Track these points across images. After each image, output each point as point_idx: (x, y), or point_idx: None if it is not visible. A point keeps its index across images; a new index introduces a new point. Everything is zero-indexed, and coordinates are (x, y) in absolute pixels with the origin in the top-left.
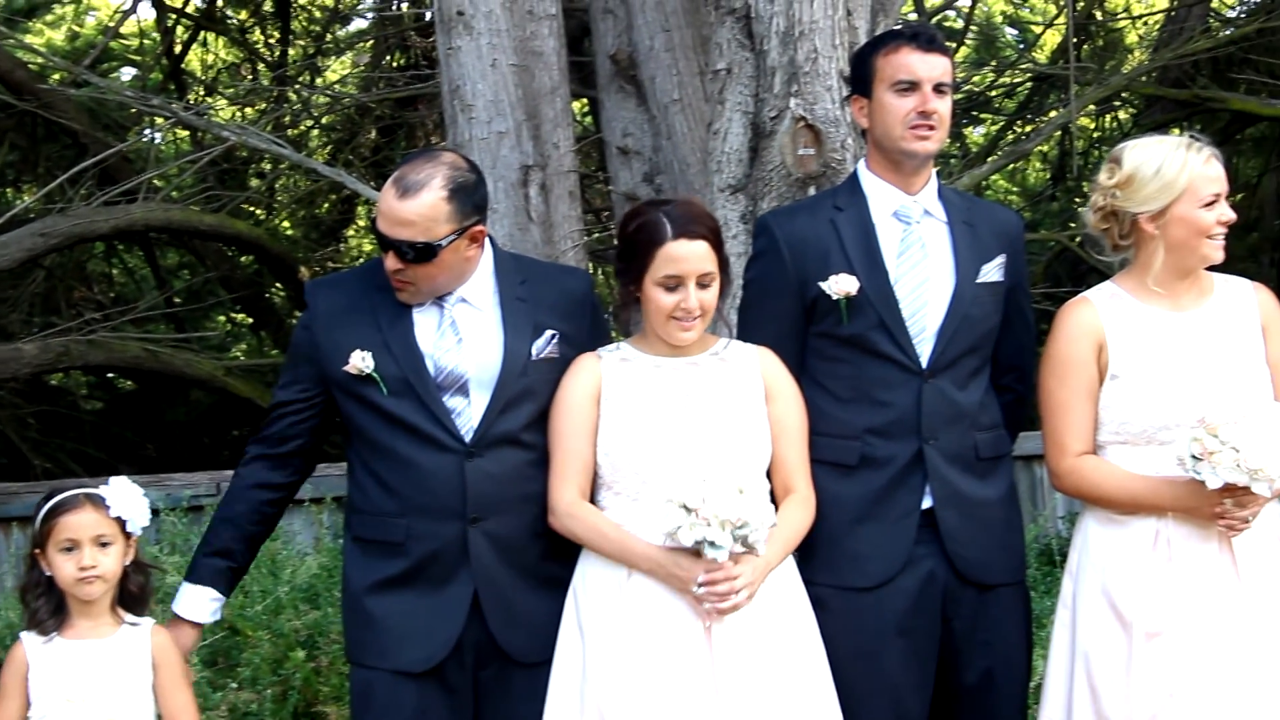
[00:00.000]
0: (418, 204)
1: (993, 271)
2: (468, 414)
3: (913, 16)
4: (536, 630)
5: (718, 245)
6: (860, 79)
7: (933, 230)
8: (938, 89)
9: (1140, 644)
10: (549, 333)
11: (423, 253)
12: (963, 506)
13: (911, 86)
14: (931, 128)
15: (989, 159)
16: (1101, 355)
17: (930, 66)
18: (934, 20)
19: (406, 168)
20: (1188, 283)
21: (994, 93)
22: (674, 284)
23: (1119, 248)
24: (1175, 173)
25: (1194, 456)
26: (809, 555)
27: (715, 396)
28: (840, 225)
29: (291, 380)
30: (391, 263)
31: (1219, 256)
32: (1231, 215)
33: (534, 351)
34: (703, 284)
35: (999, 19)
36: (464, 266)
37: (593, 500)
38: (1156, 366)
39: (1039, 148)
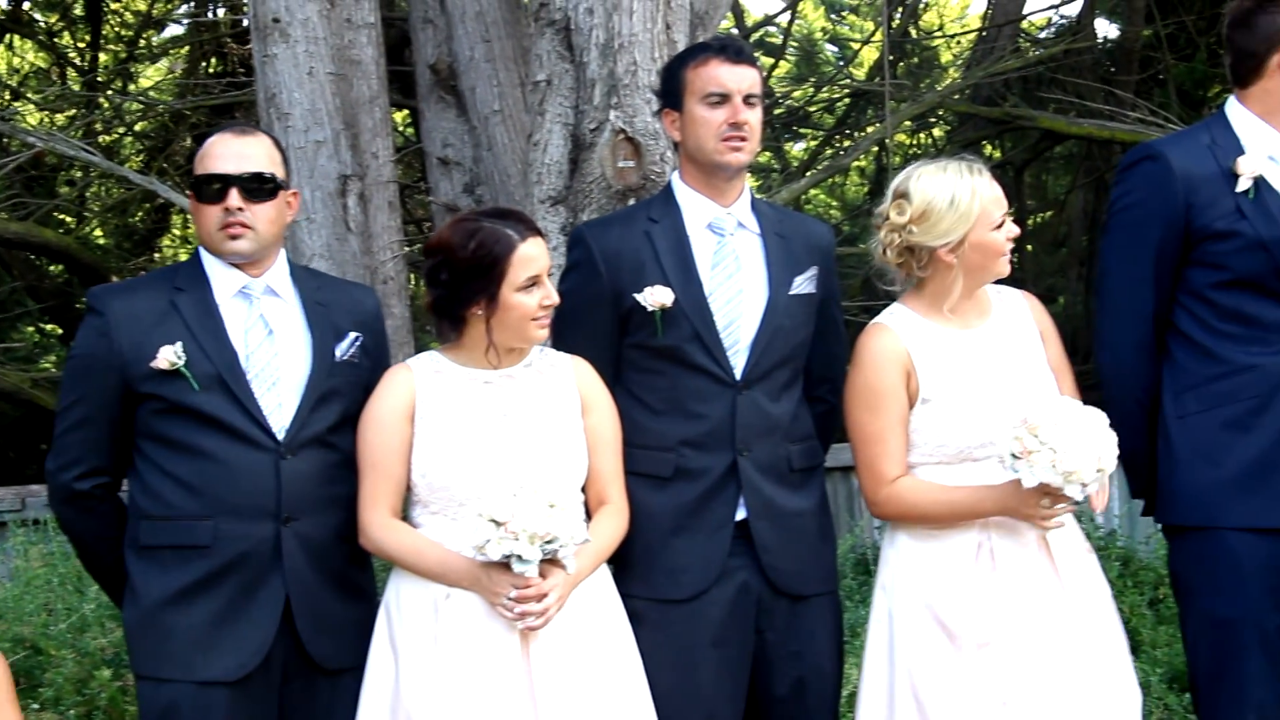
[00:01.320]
0: (257, 140)
1: (805, 283)
2: (280, 412)
3: (734, 31)
4: (342, 637)
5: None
6: (671, 92)
7: (746, 242)
8: (748, 100)
9: (970, 655)
10: (352, 335)
11: (270, 185)
12: (776, 518)
13: (722, 99)
14: (743, 139)
15: (808, 173)
16: (910, 381)
17: (740, 78)
18: (754, 35)
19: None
20: (972, 301)
21: (813, 108)
22: (532, 283)
23: (913, 276)
24: (969, 202)
25: (1013, 455)
26: (625, 568)
27: (532, 410)
28: (655, 237)
29: (79, 398)
30: (235, 200)
31: (1007, 270)
32: (1016, 230)
33: (338, 353)
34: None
35: (819, 35)
36: (280, 233)
37: (405, 517)
38: (964, 387)
39: (857, 162)
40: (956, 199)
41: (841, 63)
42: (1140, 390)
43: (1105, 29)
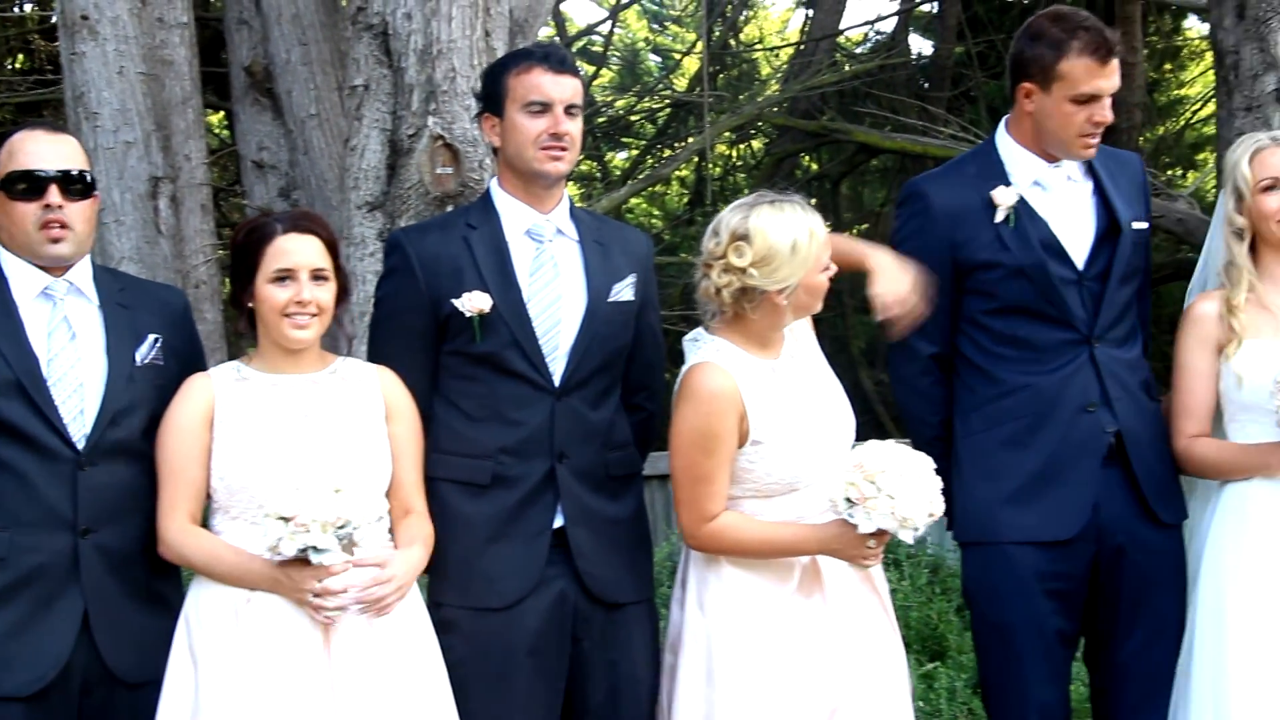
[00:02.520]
0: (68, 139)
1: (624, 291)
2: (81, 419)
3: (555, 39)
4: (144, 649)
5: (332, 247)
6: (492, 98)
7: (565, 249)
8: (569, 110)
9: (792, 682)
10: (151, 337)
11: (87, 184)
12: (594, 525)
13: (543, 108)
14: (564, 149)
15: (629, 182)
16: (743, 423)
17: (562, 88)
18: (576, 44)
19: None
20: (780, 334)
21: (635, 117)
22: (285, 276)
23: (738, 313)
24: (808, 246)
25: (849, 500)
26: (441, 576)
27: (334, 416)
28: (473, 243)
29: None
30: (55, 197)
31: (817, 308)
32: (835, 269)
33: (138, 358)
34: (317, 277)
35: (641, 45)
36: (93, 235)
37: (205, 524)
38: (790, 424)
39: (678, 172)
40: (798, 244)
41: (663, 73)
42: (933, 415)
43: (919, 45)
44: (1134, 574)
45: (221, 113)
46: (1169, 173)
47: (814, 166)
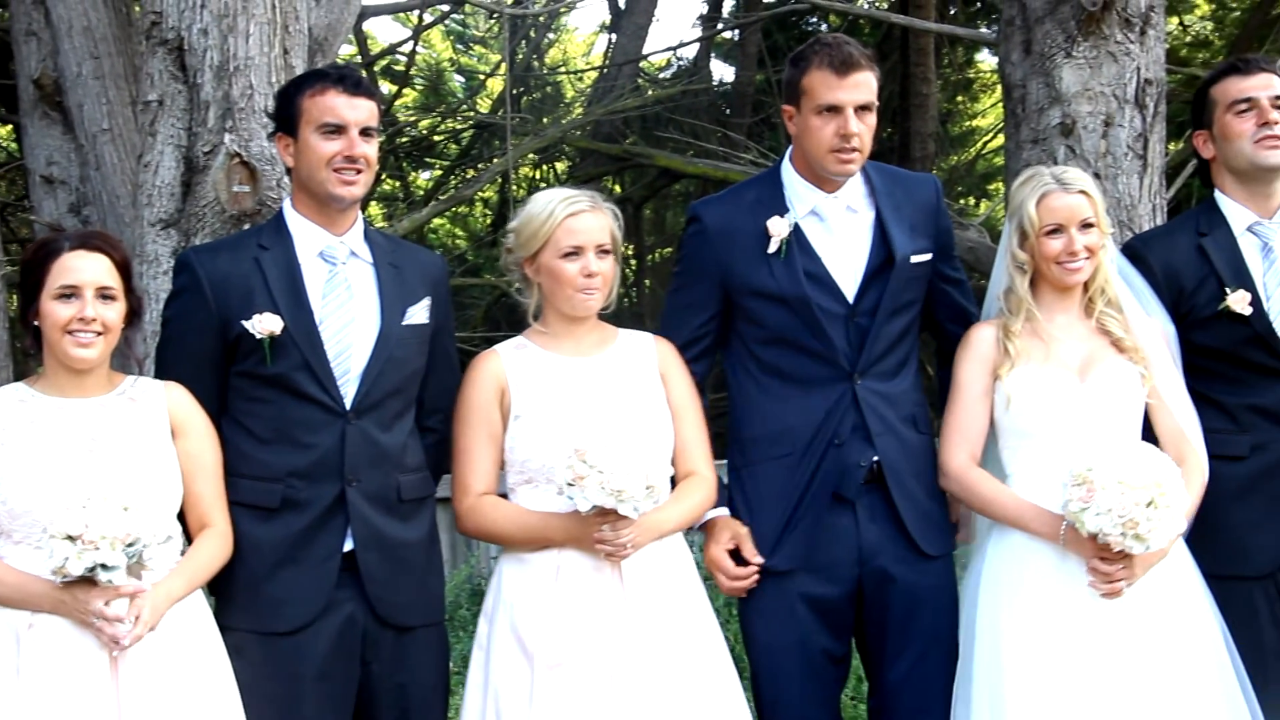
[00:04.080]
0: None
1: (418, 314)
2: None
3: (357, 58)
4: None
5: (123, 268)
6: (285, 118)
7: (359, 271)
8: (364, 133)
9: (542, 675)
10: None
11: None
12: (384, 549)
13: (337, 130)
14: (358, 171)
15: (432, 202)
16: (504, 399)
17: (356, 110)
18: (379, 63)
19: None
20: (584, 328)
21: (439, 137)
22: (69, 293)
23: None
24: (544, 218)
25: (568, 483)
26: (228, 600)
27: (121, 438)
28: (265, 264)
29: None
30: None
31: (588, 307)
32: (599, 268)
33: None
34: (103, 296)
35: (446, 65)
36: None
37: None
38: (552, 407)
39: (482, 193)
40: (538, 212)
41: (468, 94)
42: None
43: (721, 72)
44: (900, 598)
45: (9, 125)
46: (961, 202)
47: (617, 189)
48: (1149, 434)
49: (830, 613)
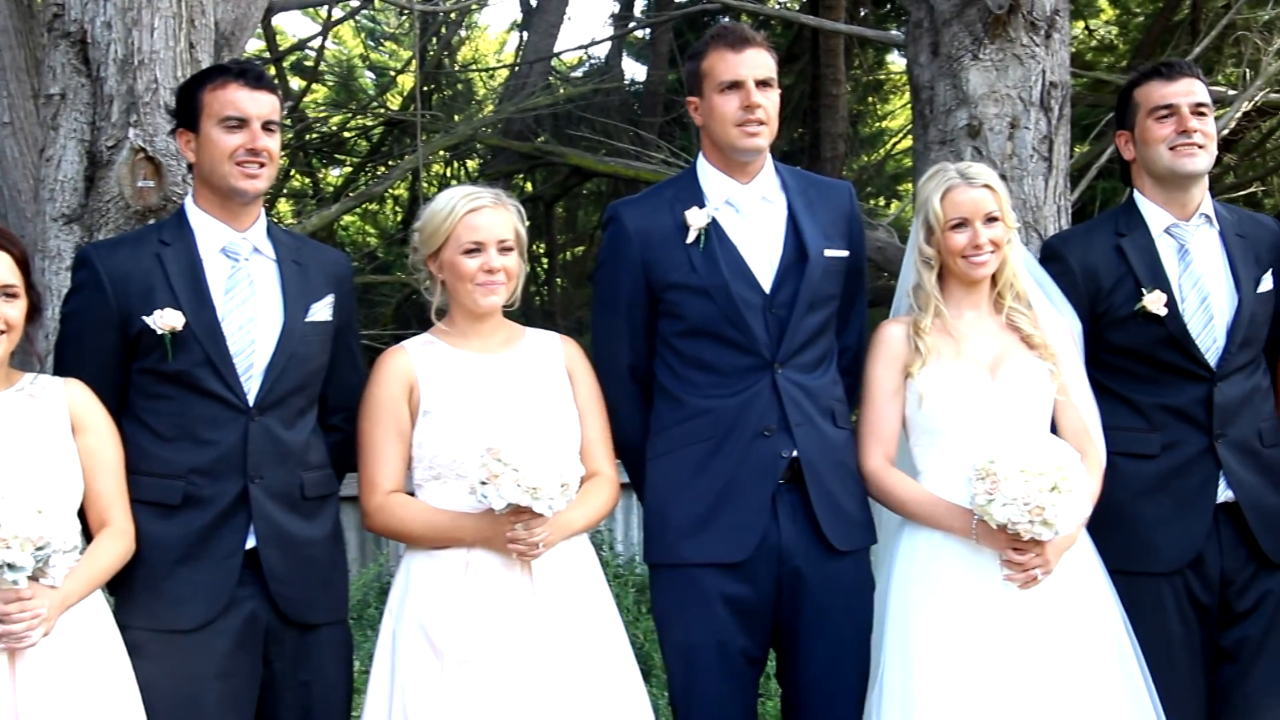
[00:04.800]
0: None
1: (321, 311)
2: None
3: (265, 53)
4: None
5: (23, 264)
6: (186, 113)
7: (262, 268)
8: (266, 126)
9: (451, 672)
10: None
11: None
12: (286, 546)
13: (239, 123)
14: (261, 164)
15: (342, 199)
16: (413, 396)
17: (258, 104)
18: (289, 59)
19: None
20: (490, 326)
21: (349, 134)
22: None
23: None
24: (445, 215)
25: (482, 482)
26: (128, 598)
27: (19, 436)
28: (166, 260)
29: None
30: None
31: (490, 304)
32: (500, 264)
33: None
34: (6, 294)
35: (357, 61)
36: None
37: None
38: (462, 403)
39: (392, 190)
40: (439, 209)
41: (378, 90)
42: (635, 437)
43: (633, 71)
44: (814, 596)
45: None
46: (871, 202)
47: (529, 187)
48: (1054, 430)
49: (748, 613)
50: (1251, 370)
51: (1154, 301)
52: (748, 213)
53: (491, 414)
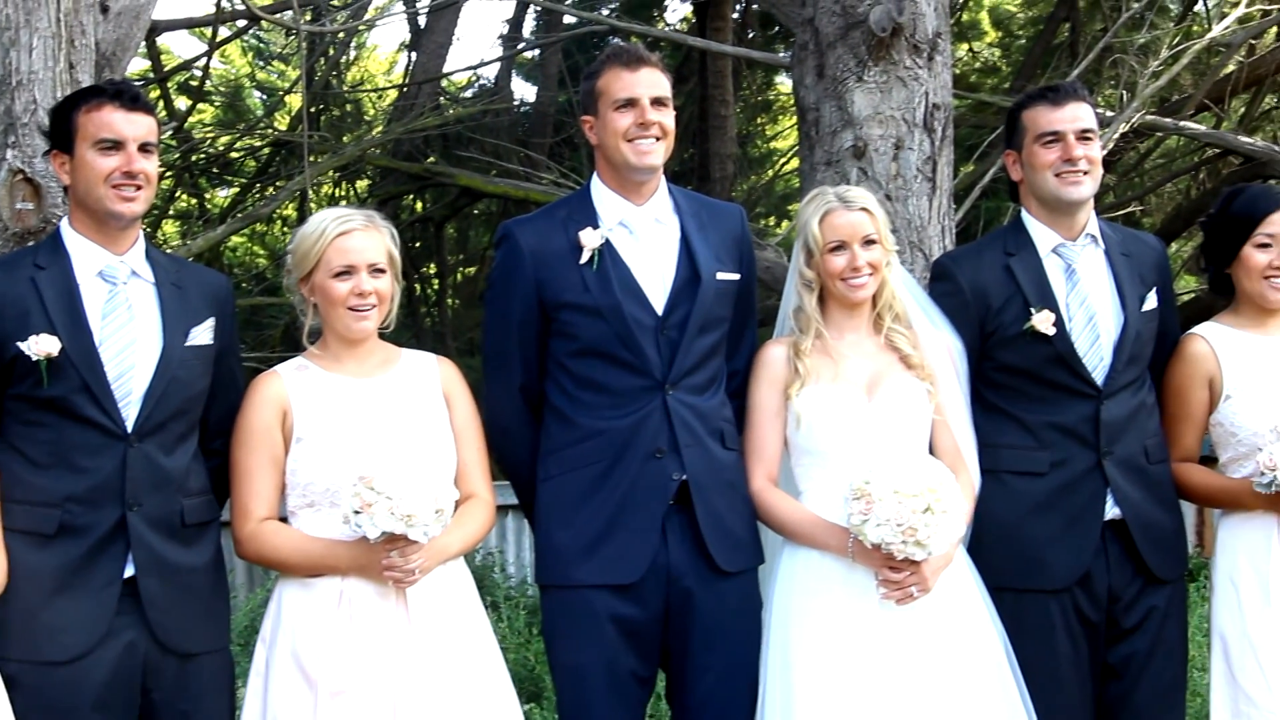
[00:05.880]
0: None
1: (202, 334)
2: None
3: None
4: None
5: None
6: (61, 135)
7: (140, 291)
8: (143, 148)
9: (325, 703)
10: None
11: None
12: (166, 574)
13: (115, 145)
14: (138, 187)
15: (229, 220)
16: (286, 422)
17: (135, 125)
18: (174, 79)
19: None
20: (364, 349)
21: (236, 154)
22: None
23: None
24: (315, 239)
25: (355, 511)
26: (2, 630)
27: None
28: (41, 284)
29: None
30: None
31: (361, 329)
32: (372, 288)
33: None
34: None
35: (245, 81)
36: None
37: None
38: (336, 429)
39: (281, 210)
40: (310, 232)
41: (266, 110)
42: (526, 458)
43: (522, 92)
44: (702, 617)
45: None
46: (761, 222)
47: (419, 208)
48: (931, 450)
49: (638, 634)
50: (1137, 388)
51: (1042, 321)
52: (641, 234)
53: (365, 440)
